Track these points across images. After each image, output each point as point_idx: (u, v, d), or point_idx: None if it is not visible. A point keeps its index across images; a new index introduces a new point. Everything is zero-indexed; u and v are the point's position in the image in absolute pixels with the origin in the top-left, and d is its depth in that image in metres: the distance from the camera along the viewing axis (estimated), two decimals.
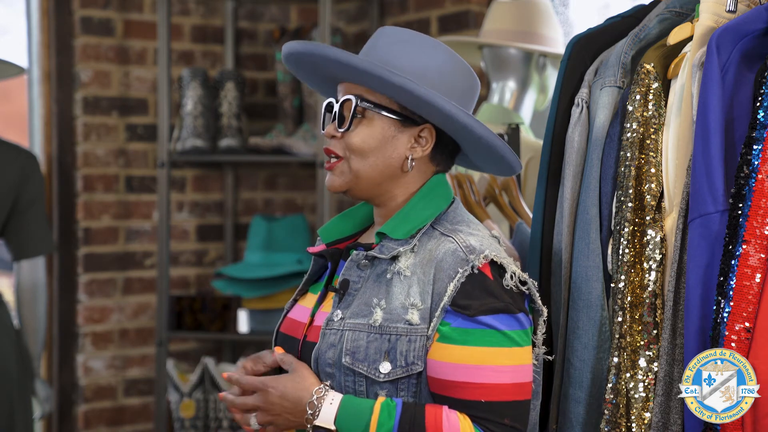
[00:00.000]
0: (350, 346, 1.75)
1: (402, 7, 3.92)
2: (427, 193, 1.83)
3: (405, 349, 1.73)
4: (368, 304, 1.77)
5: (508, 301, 1.73)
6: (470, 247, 1.75)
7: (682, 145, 1.81)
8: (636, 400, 1.82)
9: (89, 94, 3.89)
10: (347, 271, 1.82)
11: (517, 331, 1.73)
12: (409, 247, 1.78)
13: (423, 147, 1.82)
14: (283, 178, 4.26)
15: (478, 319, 1.71)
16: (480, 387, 1.70)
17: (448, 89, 1.81)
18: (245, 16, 4.17)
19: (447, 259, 1.75)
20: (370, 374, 1.74)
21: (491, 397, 1.71)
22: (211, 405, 3.79)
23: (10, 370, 3.06)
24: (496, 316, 1.72)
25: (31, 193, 3.17)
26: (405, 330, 1.74)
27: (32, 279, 3.17)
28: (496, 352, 1.71)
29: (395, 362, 1.73)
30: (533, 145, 2.83)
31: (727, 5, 1.79)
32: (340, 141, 1.81)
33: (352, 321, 1.77)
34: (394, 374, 1.73)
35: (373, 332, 1.75)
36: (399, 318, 1.74)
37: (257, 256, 3.83)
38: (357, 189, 1.83)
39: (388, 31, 1.84)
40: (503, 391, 1.71)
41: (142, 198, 4.02)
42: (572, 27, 3.42)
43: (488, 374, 1.71)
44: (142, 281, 4.02)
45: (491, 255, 1.74)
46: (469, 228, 1.80)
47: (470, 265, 1.73)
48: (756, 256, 1.64)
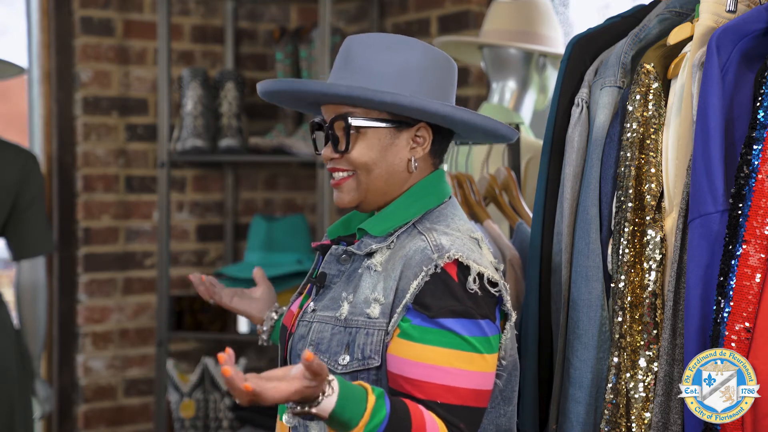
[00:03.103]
0: (315, 338, 1.78)
1: (402, 7, 3.92)
2: (416, 192, 1.83)
3: (362, 342, 1.74)
4: (338, 297, 1.80)
5: (469, 305, 1.70)
6: (439, 246, 1.74)
7: (682, 145, 1.81)
8: (636, 400, 1.82)
9: (89, 94, 3.89)
10: (326, 264, 1.86)
11: (477, 337, 1.70)
12: (385, 245, 1.79)
13: (422, 146, 1.82)
14: (283, 178, 4.26)
15: (437, 321, 1.70)
16: (436, 388, 1.69)
17: (431, 83, 1.81)
18: (245, 16, 4.17)
19: (415, 256, 1.74)
20: (330, 365, 1.75)
21: (447, 399, 1.69)
22: (211, 405, 3.79)
23: (10, 370, 3.06)
24: (456, 319, 1.69)
25: (31, 193, 3.17)
26: (364, 323, 1.74)
27: (32, 279, 3.17)
28: (454, 355, 1.69)
29: (353, 354, 1.74)
30: (533, 145, 2.83)
31: (727, 5, 1.79)
32: (341, 159, 1.81)
33: (321, 313, 1.80)
34: (351, 366, 1.74)
35: (338, 325, 1.77)
36: (361, 311, 1.75)
37: (257, 256, 3.83)
38: (366, 203, 1.84)
39: (359, 40, 1.84)
40: (459, 395, 1.69)
41: (142, 198, 4.02)
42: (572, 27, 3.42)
43: (444, 376, 1.69)
44: (142, 281, 4.02)
45: (456, 255, 1.72)
46: (447, 228, 1.79)
47: (434, 264, 1.71)
48: (756, 256, 1.64)
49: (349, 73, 1.80)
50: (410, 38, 1.84)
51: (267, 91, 1.88)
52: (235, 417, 3.78)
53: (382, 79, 1.78)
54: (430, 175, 1.85)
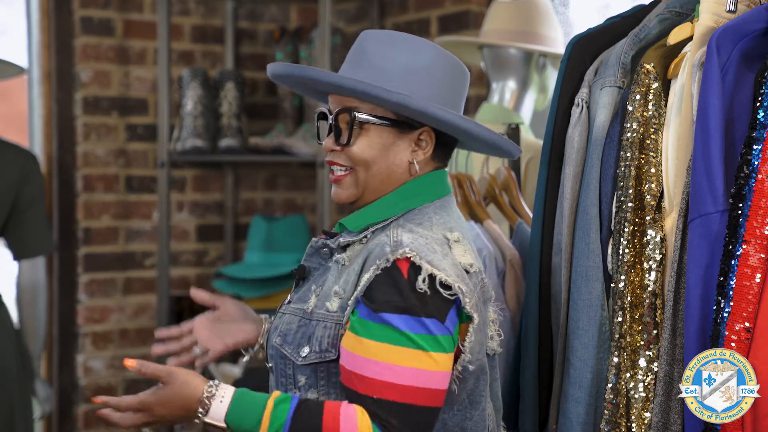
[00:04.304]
0: (284, 329, 1.82)
1: (402, 7, 3.92)
2: (403, 191, 1.82)
3: (321, 335, 1.76)
4: (309, 290, 1.83)
5: (413, 302, 1.69)
6: (398, 242, 1.73)
7: (682, 145, 1.81)
8: (636, 400, 1.82)
9: (89, 94, 3.89)
10: (307, 258, 1.89)
11: (421, 335, 1.68)
12: (357, 239, 1.80)
13: (424, 150, 1.82)
14: (283, 178, 4.26)
15: (380, 315, 1.69)
16: (373, 382, 1.68)
17: (438, 88, 1.81)
18: (245, 16, 4.17)
19: (375, 251, 1.75)
20: (292, 357, 1.78)
21: (380, 394, 1.68)
22: None
23: (10, 370, 3.05)
24: (399, 315, 1.68)
25: (31, 193, 3.17)
26: (323, 316, 1.77)
27: (32, 279, 3.17)
28: (393, 351, 1.68)
29: (312, 347, 1.76)
30: (533, 145, 2.83)
31: (727, 5, 1.79)
32: (341, 153, 1.81)
33: (293, 306, 1.84)
34: (309, 359, 1.76)
35: (305, 317, 1.80)
36: (322, 305, 1.78)
37: (257, 256, 3.83)
38: (363, 200, 1.83)
39: (373, 35, 1.84)
40: (394, 390, 1.68)
41: (142, 198, 4.02)
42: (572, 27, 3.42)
43: (381, 371, 1.68)
44: (142, 281, 4.02)
45: (410, 254, 1.71)
46: (419, 226, 1.78)
47: (385, 258, 1.71)
48: (756, 256, 1.64)
49: (359, 67, 1.81)
50: (425, 40, 1.84)
51: (278, 74, 1.87)
52: None
53: (391, 76, 1.78)
54: (424, 175, 1.83)
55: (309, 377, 1.77)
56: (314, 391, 1.77)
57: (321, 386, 1.77)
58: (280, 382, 1.82)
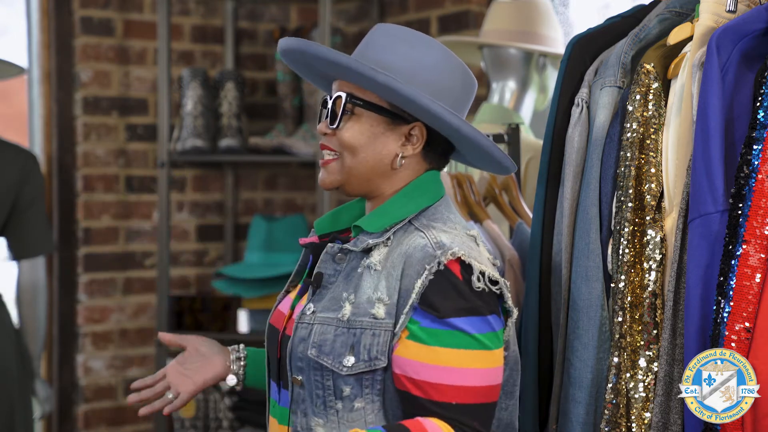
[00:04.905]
0: (317, 339, 1.76)
1: (402, 7, 3.93)
2: (412, 190, 1.82)
3: (369, 343, 1.73)
4: (338, 298, 1.78)
5: (477, 303, 1.71)
6: (439, 243, 1.74)
7: (682, 145, 1.81)
8: (636, 400, 1.82)
9: (89, 94, 3.89)
10: (322, 264, 1.83)
11: (486, 333, 1.71)
12: (381, 241, 1.78)
13: (413, 145, 1.82)
14: (283, 178, 4.26)
15: (447, 321, 1.70)
16: (450, 389, 1.69)
17: (440, 89, 1.80)
18: (245, 16, 4.17)
19: (416, 254, 1.74)
20: (334, 367, 1.74)
21: (461, 399, 1.69)
22: (211, 405, 3.79)
23: (10, 370, 3.06)
24: (465, 318, 1.70)
25: (31, 193, 3.17)
26: (370, 324, 1.73)
27: (32, 279, 3.17)
28: (465, 355, 1.69)
29: (358, 356, 1.73)
30: (533, 145, 2.83)
31: (727, 5, 1.79)
32: (333, 137, 1.82)
33: (322, 315, 1.78)
34: (357, 368, 1.73)
35: (341, 326, 1.75)
36: (365, 312, 1.74)
37: (257, 256, 3.83)
38: (348, 185, 1.83)
39: (384, 28, 1.85)
40: (472, 393, 1.70)
41: (142, 198, 4.02)
42: (572, 27, 3.42)
43: (457, 376, 1.69)
44: (142, 281, 4.02)
45: (459, 253, 1.72)
46: (444, 225, 1.79)
47: (437, 261, 1.71)
48: (756, 256, 1.64)
49: (364, 56, 1.81)
50: (435, 41, 1.84)
51: (284, 48, 1.87)
52: (235, 417, 3.78)
53: (392, 68, 1.78)
54: (424, 175, 1.84)
55: (354, 387, 1.74)
56: (360, 400, 1.75)
57: (366, 394, 1.75)
58: (315, 394, 1.77)
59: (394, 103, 1.79)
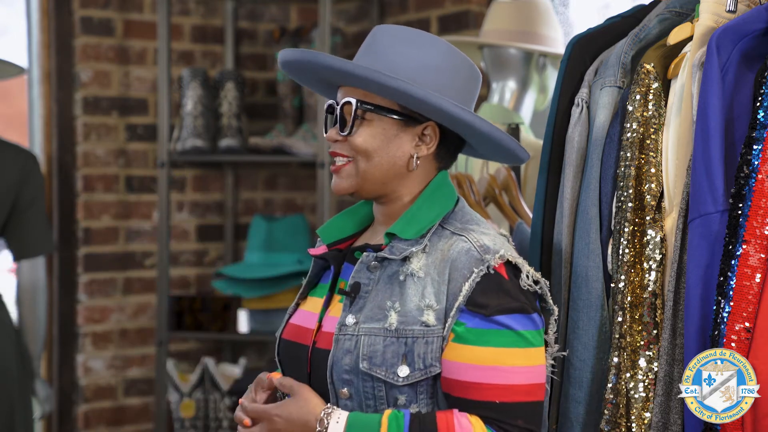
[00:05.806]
0: (367, 351, 1.73)
1: (402, 7, 3.92)
2: (433, 193, 1.82)
3: (423, 351, 1.72)
4: (382, 307, 1.75)
5: (523, 301, 1.73)
6: (484, 247, 1.74)
7: (682, 145, 1.81)
8: (636, 400, 1.82)
9: (89, 94, 3.89)
10: (357, 273, 1.80)
11: (531, 331, 1.73)
12: (420, 248, 1.77)
13: (428, 145, 1.81)
14: (283, 178, 4.26)
15: (494, 319, 1.70)
16: (494, 388, 1.70)
17: (447, 85, 1.80)
18: (245, 16, 4.17)
19: (461, 258, 1.74)
20: (388, 378, 1.73)
21: (505, 398, 1.70)
22: (211, 405, 3.79)
23: (10, 370, 3.06)
24: (512, 316, 1.71)
25: (31, 193, 3.17)
26: (422, 332, 1.72)
27: (32, 279, 3.17)
28: (511, 353, 1.71)
29: (413, 365, 1.72)
30: (533, 145, 2.82)
31: (727, 5, 1.79)
32: (344, 143, 1.80)
33: (366, 325, 1.75)
34: (413, 377, 1.72)
35: (390, 336, 1.73)
36: (415, 320, 1.73)
37: (257, 256, 3.83)
38: (363, 190, 1.82)
39: (385, 30, 1.83)
40: (516, 391, 1.70)
41: (142, 198, 4.02)
42: (572, 27, 3.42)
43: (502, 375, 1.70)
44: (142, 281, 4.02)
45: (507, 255, 1.74)
46: (479, 227, 1.80)
47: (486, 265, 1.72)
48: (756, 256, 1.64)
49: (368, 60, 1.80)
50: (437, 38, 1.83)
51: (287, 60, 1.85)
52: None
53: (398, 70, 1.77)
54: (438, 176, 1.84)
55: (408, 395, 1.74)
56: (415, 406, 1.74)
57: (421, 400, 1.74)
58: (366, 404, 1.75)
59: (406, 105, 1.79)
